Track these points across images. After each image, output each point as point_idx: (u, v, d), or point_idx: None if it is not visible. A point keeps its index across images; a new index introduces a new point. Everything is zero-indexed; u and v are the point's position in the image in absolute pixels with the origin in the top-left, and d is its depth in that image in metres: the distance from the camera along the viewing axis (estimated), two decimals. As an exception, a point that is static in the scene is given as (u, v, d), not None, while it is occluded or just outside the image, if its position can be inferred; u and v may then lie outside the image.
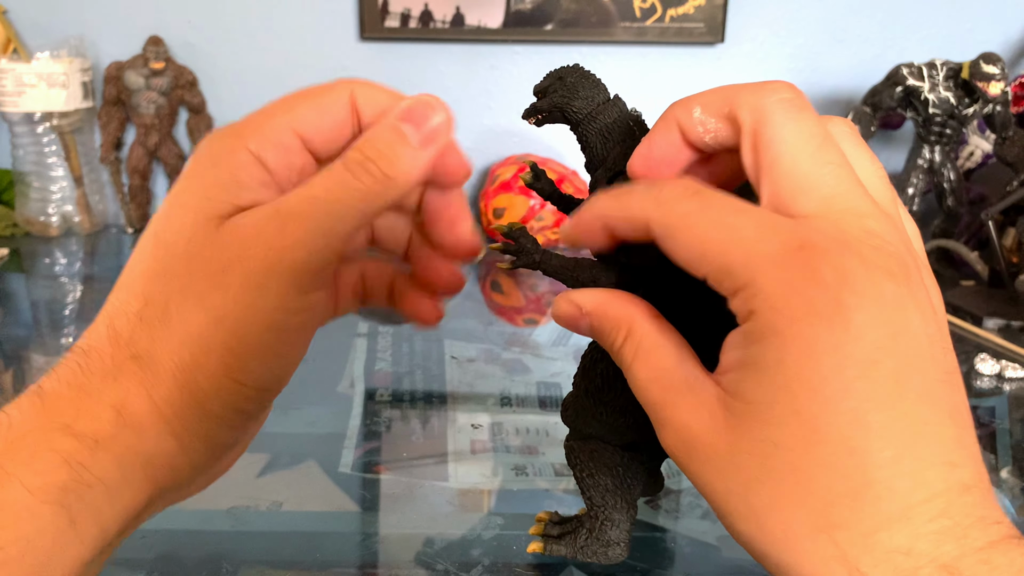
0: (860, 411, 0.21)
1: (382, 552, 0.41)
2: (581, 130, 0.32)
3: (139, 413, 0.24)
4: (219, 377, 0.24)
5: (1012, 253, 0.85)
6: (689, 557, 0.42)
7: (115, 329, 0.24)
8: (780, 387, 0.21)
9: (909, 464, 0.21)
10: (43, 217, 1.05)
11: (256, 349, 0.24)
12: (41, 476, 0.22)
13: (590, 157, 0.32)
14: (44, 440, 0.22)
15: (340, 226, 0.25)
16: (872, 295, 0.21)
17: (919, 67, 0.91)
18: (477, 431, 0.55)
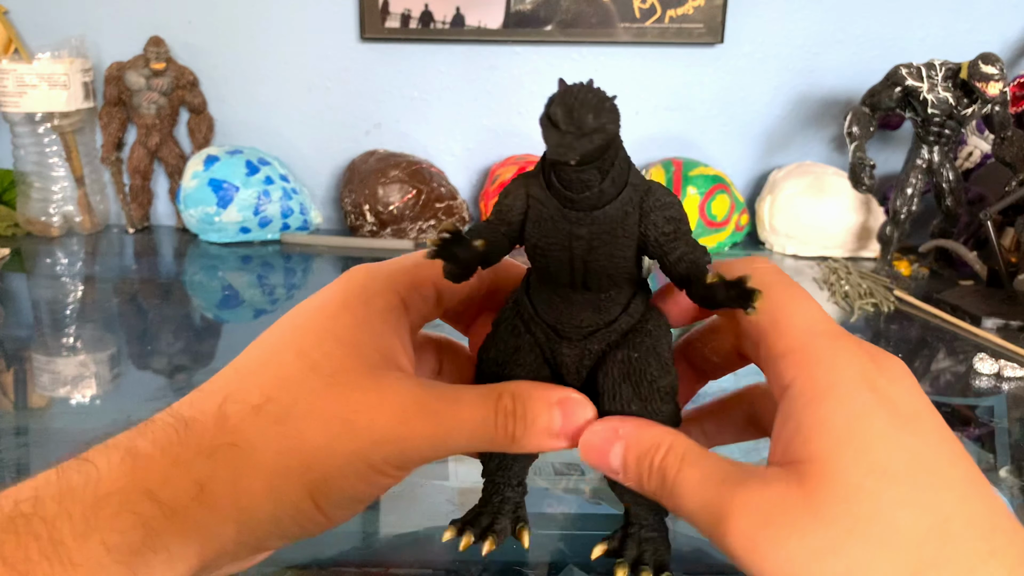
0: (918, 450, 0.22)
1: (382, 551, 0.42)
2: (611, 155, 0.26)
3: (219, 495, 0.24)
4: (305, 497, 0.25)
5: (1011, 253, 0.86)
6: (689, 557, 0.42)
7: (225, 414, 0.25)
8: (846, 436, 0.23)
9: (979, 507, 0.22)
10: (44, 217, 1.05)
11: (351, 494, 0.26)
12: (119, 535, 0.23)
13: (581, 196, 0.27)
14: (128, 502, 0.23)
15: (457, 449, 0.27)
16: (901, 374, 0.24)
17: (918, 67, 0.91)
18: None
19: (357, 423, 0.25)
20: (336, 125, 1.12)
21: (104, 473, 0.23)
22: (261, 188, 1.01)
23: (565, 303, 0.29)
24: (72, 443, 0.54)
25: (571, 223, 0.27)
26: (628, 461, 0.27)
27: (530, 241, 0.28)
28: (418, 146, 1.12)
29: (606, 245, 0.27)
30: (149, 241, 1.07)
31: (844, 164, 1.01)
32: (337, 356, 0.26)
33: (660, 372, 0.29)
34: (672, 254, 0.28)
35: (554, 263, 0.28)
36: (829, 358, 0.24)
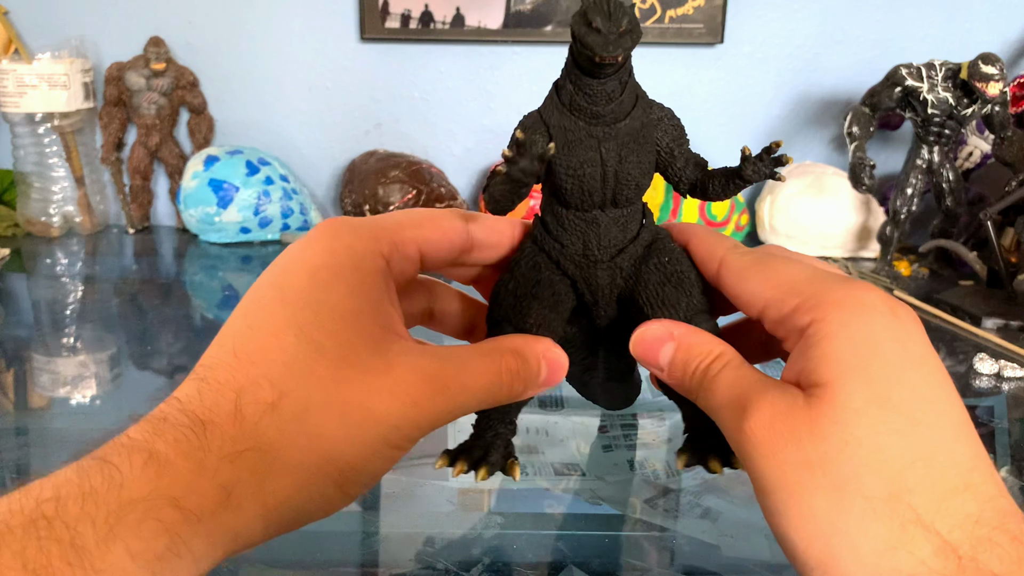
0: (920, 389, 0.24)
1: (382, 551, 0.42)
2: (629, 66, 0.29)
3: (245, 498, 0.24)
4: (331, 486, 0.25)
5: (1010, 253, 0.86)
6: (689, 557, 0.42)
7: (242, 412, 0.25)
8: (852, 365, 0.24)
9: (965, 446, 0.24)
10: (44, 217, 1.05)
11: (372, 473, 0.26)
12: (143, 542, 0.22)
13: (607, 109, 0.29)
14: (153, 509, 0.23)
15: (467, 410, 0.28)
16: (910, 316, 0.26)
17: (918, 67, 0.91)
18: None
19: (375, 410, 0.25)
20: (336, 125, 1.12)
21: (127, 478, 0.23)
22: (261, 188, 1.01)
23: (592, 227, 0.31)
24: (72, 443, 0.54)
25: (599, 139, 0.30)
26: (676, 361, 0.30)
27: (561, 165, 0.30)
28: (418, 146, 1.12)
29: (634, 153, 0.30)
30: (149, 241, 1.07)
31: (844, 164, 1.01)
32: (340, 334, 0.26)
33: (691, 268, 0.32)
34: (680, 159, 0.32)
35: (588, 181, 0.30)
36: (844, 299, 0.26)
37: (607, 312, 0.33)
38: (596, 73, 0.28)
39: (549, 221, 0.32)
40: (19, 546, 0.21)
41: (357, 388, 0.25)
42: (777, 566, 0.41)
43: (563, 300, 0.32)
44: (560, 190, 0.31)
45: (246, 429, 0.24)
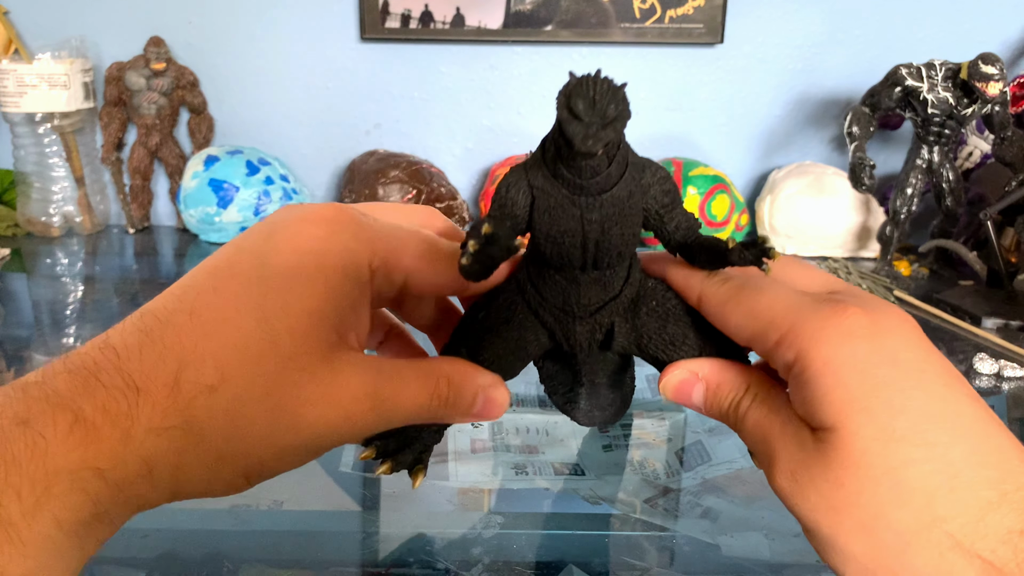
0: (925, 409, 0.23)
1: (382, 551, 0.42)
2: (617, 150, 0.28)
3: (163, 473, 0.24)
4: (238, 475, 0.26)
5: (1010, 253, 0.86)
6: (689, 557, 0.42)
7: (180, 388, 0.24)
8: (847, 405, 0.24)
9: (988, 455, 0.23)
10: (44, 217, 1.05)
11: (281, 471, 0.26)
12: (71, 512, 0.22)
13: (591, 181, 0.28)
14: (80, 480, 0.23)
15: (393, 425, 0.28)
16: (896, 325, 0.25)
17: (918, 67, 0.91)
18: (477, 430, 0.55)
19: (305, 417, 0.25)
20: (336, 125, 1.12)
21: (52, 444, 0.22)
22: (261, 188, 1.01)
23: (572, 284, 0.30)
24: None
25: (582, 208, 0.28)
26: (708, 402, 0.30)
27: (540, 231, 0.29)
28: (418, 146, 1.12)
29: (617, 225, 0.29)
30: (149, 241, 1.07)
31: (844, 164, 1.01)
32: (299, 332, 0.25)
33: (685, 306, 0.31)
34: (671, 223, 0.30)
35: (567, 249, 0.29)
36: (821, 331, 0.25)
37: (587, 361, 0.33)
38: (571, 157, 0.27)
39: (532, 272, 0.31)
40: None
41: (296, 392, 0.25)
42: (777, 566, 0.41)
43: (528, 346, 0.32)
44: (540, 252, 0.30)
45: (179, 405, 0.24)
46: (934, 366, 0.25)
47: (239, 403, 0.25)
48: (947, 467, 0.23)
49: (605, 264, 0.30)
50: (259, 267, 0.26)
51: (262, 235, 0.27)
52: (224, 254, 0.27)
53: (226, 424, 0.25)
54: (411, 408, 0.28)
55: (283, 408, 0.25)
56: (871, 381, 0.24)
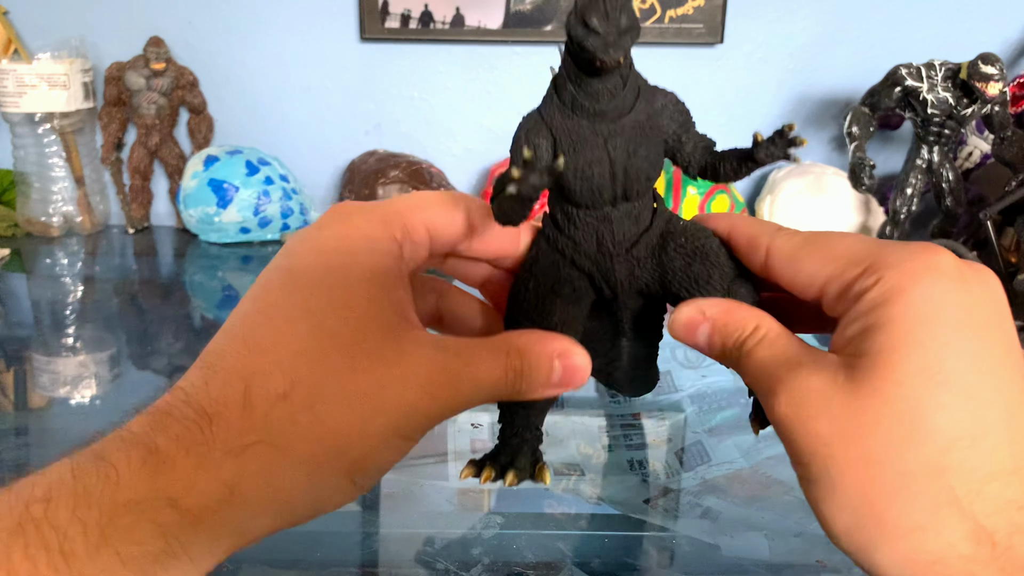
0: (979, 359, 0.22)
1: (382, 551, 0.42)
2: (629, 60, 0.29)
3: (252, 494, 0.23)
4: (342, 477, 0.25)
5: (1010, 253, 0.86)
6: (689, 557, 0.42)
7: (251, 403, 0.24)
8: (905, 333, 0.23)
9: (1019, 426, 0.22)
10: (44, 217, 1.05)
11: (382, 464, 0.26)
12: (136, 546, 0.21)
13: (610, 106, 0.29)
14: (149, 511, 0.22)
15: (473, 404, 0.27)
16: (984, 279, 0.24)
17: (918, 67, 0.91)
18: (477, 430, 0.55)
19: (387, 400, 0.25)
20: (336, 125, 1.12)
21: (124, 477, 0.22)
22: (261, 188, 1.01)
23: (604, 223, 0.30)
24: (72, 443, 0.54)
25: (605, 136, 0.29)
26: (713, 342, 0.29)
27: (568, 169, 0.29)
28: (418, 146, 1.12)
29: (642, 147, 0.29)
30: (149, 241, 1.07)
31: (844, 164, 1.01)
32: (353, 320, 0.25)
33: (710, 238, 0.31)
34: (688, 144, 0.31)
35: (597, 180, 0.29)
36: (908, 262, 0.24)
37: (628, 304, 0.33)
38: (594, 72, 0.28)
39: (560, 219, 0.31)
40: (5, 552, 0.21)
41: (369, 377, 0.25)
42: (777, 566, 0.41)
43: (583, 296, 0.32)
44: (569, 191, 0.30)
45: (255, 421, 0.23)
46: (1003, 329, 0.24)
47: (316, 401, 0.24)
48: (977, 423, 0.22)
49: (635, 193, 0.30)
50: (292, 278, 0.26)
51: (283, 255, 0.27)
52: (259, 282, 0.27)
53: (309, 426, 0.24)
54: (487, 384, 0.27)
55: (362, 395, 0.24)
56: (937, 317, 0.23)
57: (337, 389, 0.24)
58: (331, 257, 0.26)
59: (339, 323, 0.25)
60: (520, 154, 0.27)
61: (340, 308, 0.25)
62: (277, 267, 0.27)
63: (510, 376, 0.27)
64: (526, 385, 0.28)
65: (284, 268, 0.27)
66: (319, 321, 0.25)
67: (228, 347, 0.25)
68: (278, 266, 0.27)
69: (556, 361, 0.28)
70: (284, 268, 0.27)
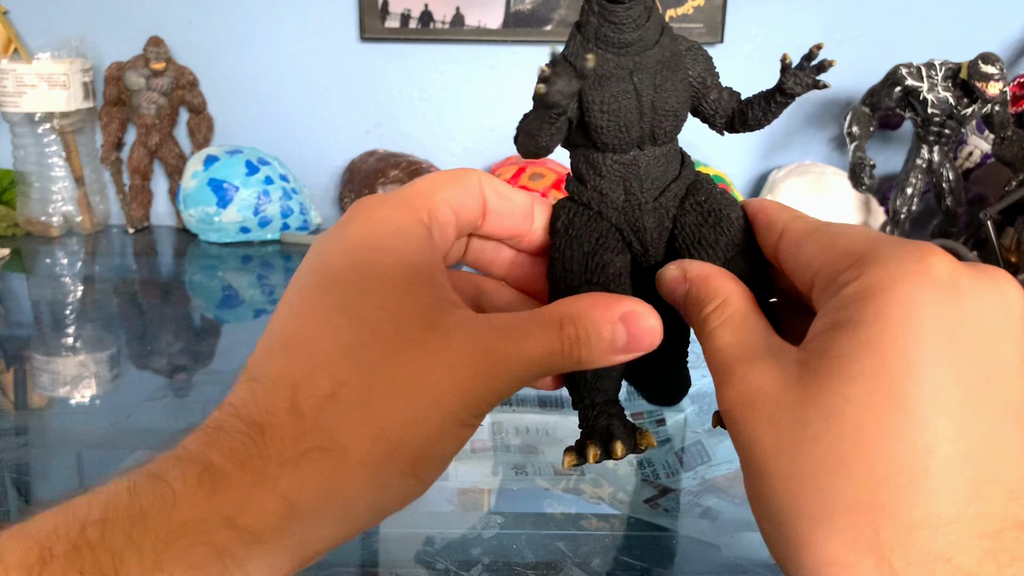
0: (944, 389, 0.20)
1: (382, 551, 0.42)
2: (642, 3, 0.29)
3: (312, 505, 0.22)
4: (405, 473, 0.24)
5: (1011, 253, 0.86)
6: (689, 557, 0.42)
7: (299, 409, 0.23)
8: (870, 341, 0.21)
9: (974, 469, 0.20)
10: (44, 217, 1.05)
11: (444, 454, 0.25)
12: (191, 570, 0.21)
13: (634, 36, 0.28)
14: (205, 533, 0.21)
15: (527, 380, 0.26)
16: (993, 288, 0.21)
17: (918, 67, 0.91)
18: (477, 430, 0.55)
19: (437, 387, 0.24)
20: (336, 125, 1.12)
21: (180, 496, 0.21)
22: (261, 188, 1.01)
23: (631, 169, 0.30)
24: (72, 443, 0.54)
25: (631, 69, 0.28)
26: (688, 304, 0.28)
27: (594, 104, 0.29)
28: (418, 146, 1.12)
29: (668, 80, 0.29)
30: (149, 241, 1.07)
31: (844, 164, 1.01)
32: (393, 310, 0.24)
33: (732, 206, 0.30)
34: (713, 91, 0.30)
35: (624, 115, 0.29)
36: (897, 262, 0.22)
37: (658, 261, 0.31)
38: (612, 8, 0.27)
39: (584, 171, 0.30)
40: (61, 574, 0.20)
41: (417, 367, 0.24)
42: (777, 566, 0.41)
43: (625, 248, 0.31)
44: (595, 130, 0.29)
45: (306, 426, 0.23)
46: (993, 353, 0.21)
47: (366, 398, 0.23)
48: (921, 459, 0.20)
49: (664, 133, 0.29)
50: (323, 278, 0.25)
51: (313, 256, 0.26)
52: (291, 287, 0.26)
53: (363, 425, 0.23)
54: (541, 358, 0.25)
55: (412, 385, 0.24)
56: (911, 329, 0.20)
57: (385, 383, 0.23)
58: (360, 252, 0.25)
59: (378, 315, 0.24)
60: (551, 54, 0.26)
61: (377, 300, 0.24)
62: (308, 270, 0.26)
63: (566, 346, 0.26)
64: (586, 354, 0.26)
65: (315, 269, 0.26)
66: (357, 316, 0.24)
67: (269, 356, 0.24)
68: (309, 269, 0.26)
69: (619, 325, 0.26)
70: (315, 269, 0.26)
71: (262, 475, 0.22)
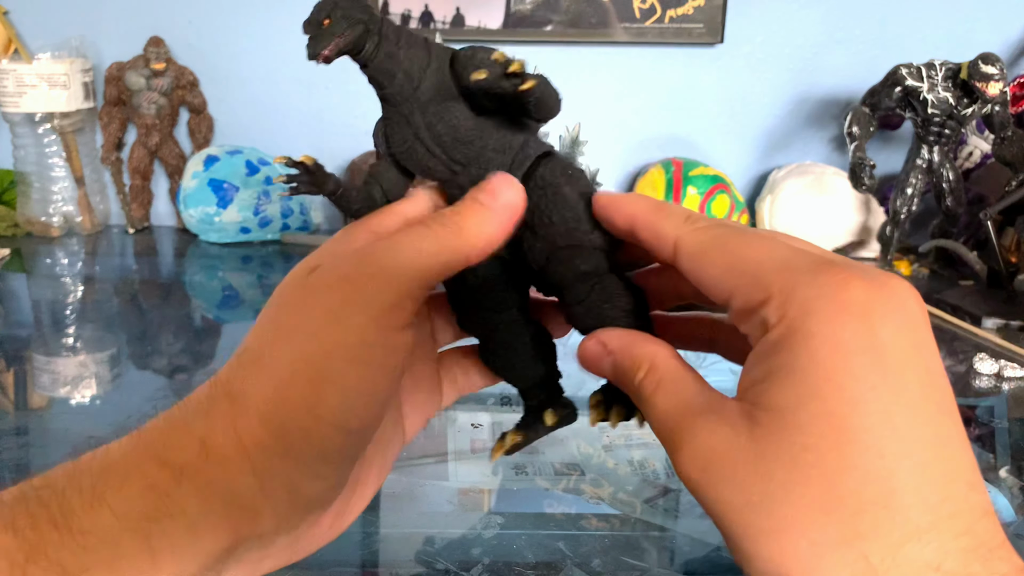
0: (889, 413, 0.21)
1: (382, 551, 0.42)
2: (379, 62, 0.29)
3: (223, 446, 0.24)
4: (300, 412, 0.24)
5: (1011, 253, 0.86)
6: (689, 557, 0.42)
7: (216, 378, 0.26)
8: (809, 387, 0.21)
9: (934, 475, 0.21)
10: (44, 217, 1.05)
11: (335, 382, 0.25)
12: (128, 502, 0.22)
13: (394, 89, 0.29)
14: (135, 467, 0.23)
15: (414, 267, 0.26)
16: (897, 306, 0.22)
17: (918, 67, 0.91)
18: (477, 430, 0.55)
19: (314, 319, 0.25)
20: (336, 125, 1.12)
21: (113, 447, 0.24)
22: (261, 188, 1.01)
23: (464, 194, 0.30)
24: (72, 443, 0.54)
25: (406, 115, 0.29)
26: (616, 375, 0.28)
27: (397, 155, 0.30)
28: (418, 146, 1.12)
29: (436, 115, 0.29)
30: (149, 241, 1.07)
31: (844, 164, 1.01)
32: (287, 282, 0.27)
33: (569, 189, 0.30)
34: (484, 82, 0.28)
35: (419, 158, 0.30)
36: (816, 299, 0.22)
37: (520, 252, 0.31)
38: (361, 66, 0.29)
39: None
40: (9, 514, 0.22)
41: (298, 313, 0.26)
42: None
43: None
44: (415, 173, 0.31)
45: (218, 385, 0.25)
46: (917, 365, 0.22)
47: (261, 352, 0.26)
48: (887, 483, 0.21)
49: (462, 158, 0.29)
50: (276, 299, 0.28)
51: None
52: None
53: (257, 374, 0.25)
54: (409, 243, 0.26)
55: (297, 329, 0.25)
56: (844, 370, 0.21)
57: (275, 336, 0.26)
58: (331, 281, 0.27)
59: (276, 291, 0.27)
60: (288, 162, 0.30)
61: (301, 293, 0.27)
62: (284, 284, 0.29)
63: (434, 226, 0.27)
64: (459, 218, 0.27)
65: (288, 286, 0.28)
66: (275, 302, 0.27)
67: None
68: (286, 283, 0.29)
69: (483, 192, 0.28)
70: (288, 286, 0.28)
71: (178, 423, 0.25)
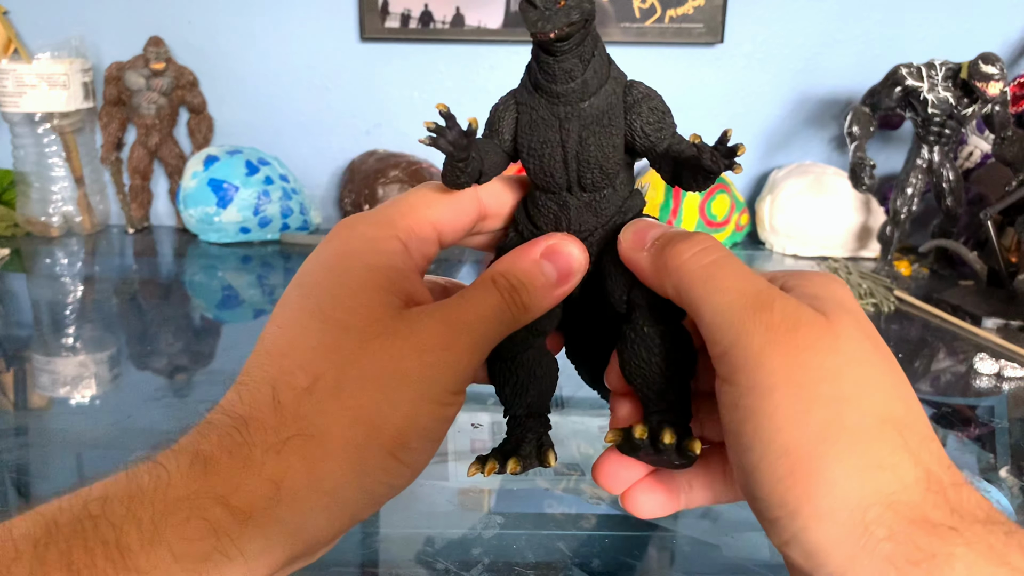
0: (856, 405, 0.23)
1: (382, 551, 0.42)
2: (570, 58, 0.28)
3: (297, 489, 0.24)
4: (385, 456, 0.25)
5: (1011, 253, 0.86)
6: (689, 557, 0.42)
7: (280, 402, 0.25)
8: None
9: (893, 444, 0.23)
10: (44, 217, 1.05)
11: (420, 433, 0.26)
12: (188, 543, 0.22)
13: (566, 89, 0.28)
14: (199, 508, 0.23)
15: (489, 341, 0.28)
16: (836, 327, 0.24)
17: (918, 67, 0.91)
18: (477, 430, 0.55)
19: (408, 370, 0.26)
20: (336, 125, 1.12)
21: (174, 477, 0.23)
22: (261, 188, 1.01)
23: (563, 210, 0.30)
24: (72, 443, 0.54)
25: (560, 119, 0.29)
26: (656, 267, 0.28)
27: (523, 145, 0.30)
28: (418, 146, 1.12)
29: (595, 136, 0.29)
30: (149, 241, 1.07)
31: (844, 164, 1.01)
32: (361, 309, 0.26)
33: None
34: (661, 144, 0.29)
35: (548, 162, 0.29)
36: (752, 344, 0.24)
37: (584, 293, 0.31)
38: (549, 50, 0.27)
39: (528, 204, 0.32)
40: (65, 545, 0.21)
41: (388, 355, 0.26)
42: (777, 566, 0.41)
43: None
44: (526, 170, 0.30)
45: (287, 417, 0.25)
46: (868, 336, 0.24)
47: (339, 387, 0.25)
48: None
49: (589, 182, 0.29)
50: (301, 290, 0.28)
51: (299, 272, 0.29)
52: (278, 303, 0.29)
53: (339, 411, 0.25)
54: (490, 315, 0.28)
55: (382, 370, 0.25)
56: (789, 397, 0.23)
57: (357, 372, 0.25)
58: (335, 262, 0.28)
59: (347, 314, 0.26)
60: (441, 112, 0.28)
61: (346, 300, 0.26)
62: (290, 286, 0.28)
63: (507, 296, 0.28)
64: (527, 297, 0.28)
65: (295, 284, 0.28)
66: (329, 317, 0.26)
67: (255, 362, 0.26)
68: (292, 285, 0.28)
69: (543, 261, 0.29)
70: (295, 284, 0.28)
71: (248, 460, 0.24)
